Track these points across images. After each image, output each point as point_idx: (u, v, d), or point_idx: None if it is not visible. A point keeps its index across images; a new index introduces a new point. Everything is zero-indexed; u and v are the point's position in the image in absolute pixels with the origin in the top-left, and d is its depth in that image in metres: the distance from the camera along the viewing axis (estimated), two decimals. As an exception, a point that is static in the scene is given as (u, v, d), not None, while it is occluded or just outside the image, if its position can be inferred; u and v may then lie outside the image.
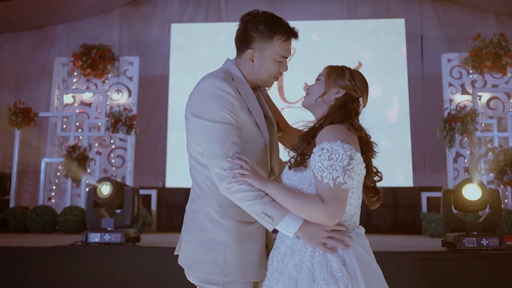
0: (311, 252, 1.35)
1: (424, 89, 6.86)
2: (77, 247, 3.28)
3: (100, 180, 3.39)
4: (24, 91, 7.33)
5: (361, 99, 1.49)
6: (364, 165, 1.42)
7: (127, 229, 3.36)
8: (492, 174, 5.17)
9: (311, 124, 1.47)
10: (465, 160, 5.56)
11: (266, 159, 1.50)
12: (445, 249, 3.33)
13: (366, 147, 1.45)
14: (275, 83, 2.01)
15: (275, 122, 1.58)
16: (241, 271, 1.44)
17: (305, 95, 1.55)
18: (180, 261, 1.50)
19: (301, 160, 1.38)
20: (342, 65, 1.54)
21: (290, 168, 1.42)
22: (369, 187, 1.48)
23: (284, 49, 1.51)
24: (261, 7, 6.15)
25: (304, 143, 1.40)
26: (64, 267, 3.10)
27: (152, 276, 3.11)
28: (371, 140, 1.48)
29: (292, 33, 1.52)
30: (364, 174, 1.43)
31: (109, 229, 3.33)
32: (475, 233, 3.21)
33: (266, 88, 1.64)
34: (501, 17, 7.15)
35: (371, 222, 5.63)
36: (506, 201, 5.46)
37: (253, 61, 1.51)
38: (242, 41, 1.52)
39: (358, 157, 1.37)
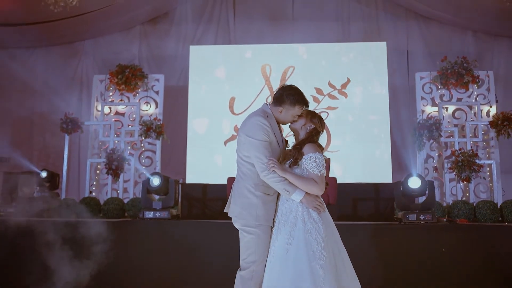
0: (301, 210, 2.82)
1: (409, 100, 8.48)
2: (137, 221, 5.07)
3: (152, 174, 5.17)
4: (54, 100, 8.95)
5: (321, 132, 3.09)
6: None
7: (171, 209, 5.15)
8: (453, 172, 6.90)
9: (294, 142, 3.09)
10: (434, 161, 7.32)
11: (279, 157, 2.98)
12: (396, 223, 5.09)
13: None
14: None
15: (285, 141, 3.16)
16: (266, 219, 2.90)
17: (294, 121, 3.08)
18: (230, 214, 2.98)
19: (295, 162, 2.90)
20: (315, 112, 3.14)
21: (290, 166, 2.91)
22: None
23: (299, 112, 3.00)
24: (265, 26, 8.52)
25: (297, 152, 2.91)
26: (130, 233, 4.88)
27: (189, 239, 4.84)
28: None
29: (306, 105, 3.02)
30: None
31: (158, 208, 5.11)
32: (416, 211, 4.97)
33: None
34: (478, 34, 8.76)
35: (357, 212, 7.33)
36: (467, 194, 7.18)
37: (281, 113, 3.00)
38: (278, 100, 3.01)
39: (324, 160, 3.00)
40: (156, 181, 5.08)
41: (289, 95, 3.00)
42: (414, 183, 4.96)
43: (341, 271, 2.78)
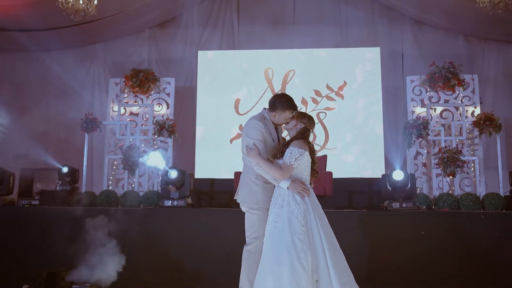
0: (288, 195, 3.61)
1: (404, 101, 9.42)
2: (158, 209, 6.12)
3: (170, 168, 6.23)
4: (68, 100, 9.87)
5: (311, 130, 4.08)
6: (310, 158, 4.08)
7: (186, 199, 6.20)
8: (440, 167, 7.92)
9: (288, 138, 4.07)
10: (423, 157, 8.37)
11: (274, 151, 3.95)
12: (382, 210, 6.14)
13: (312, 152, 4.02)
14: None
15: (282, 139, 4.10)
16: (264, 203, 3.72)
17: (287, 122, 4.02)
18: (238, 200, 3.87)
19: (282, 155, 3.75)
20: (306, 112, 4.14)
21: (278, 158, 3.87)
22: (314, 170, 4.02)
23: (290, 115, 3.76)
24: (267, 30, 10.00)
25: (285, 147, 3.77)
26: (153, 218, 5.90)
27: (201, 224, 5.81)
28: (316, 149, 4.23)
29: (295, 108, 3.78)
30: (311, 162, 4.05)
31: (175, 198, 6.16)
32: (400, 200, 6.01)
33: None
34: (469, 38, 9.72)
35: (352, 204, 8.34)
36: (453, 188, 8.21)
37: (275, 116, 3.79)
38: (272, 106, 3.79)
39: (307, 154, 3.85)
40: (174, 174, 6.13)
41: (280, 102, 3.79)
42: (398, 175, 6.01)
43: (317, 244, 3.52)
